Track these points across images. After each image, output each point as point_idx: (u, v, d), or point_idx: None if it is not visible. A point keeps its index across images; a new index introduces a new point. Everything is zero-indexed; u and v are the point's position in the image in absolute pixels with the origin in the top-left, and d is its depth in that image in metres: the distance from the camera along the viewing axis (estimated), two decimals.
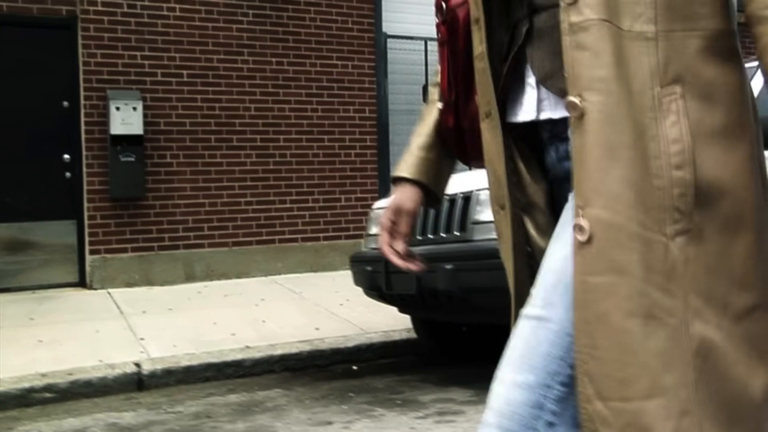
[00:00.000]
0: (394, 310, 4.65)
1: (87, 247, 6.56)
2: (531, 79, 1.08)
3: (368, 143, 7.73)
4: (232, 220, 7.08)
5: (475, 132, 1.21)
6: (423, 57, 8.04)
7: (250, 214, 7.16)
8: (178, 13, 6.82)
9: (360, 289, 4.55)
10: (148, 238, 6.74)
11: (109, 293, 6.38)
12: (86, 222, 6.54)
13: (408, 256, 1.30)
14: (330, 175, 7.52)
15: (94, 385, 4.06)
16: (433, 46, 8.02)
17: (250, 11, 7.13)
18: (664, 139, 0.92)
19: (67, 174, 6.61)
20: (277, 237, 7.27)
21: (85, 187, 6.54)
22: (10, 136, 6.43)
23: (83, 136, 6.53)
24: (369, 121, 7.72)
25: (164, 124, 6.77)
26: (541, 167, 1.13)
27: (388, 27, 7.84)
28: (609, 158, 0.92)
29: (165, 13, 6.77)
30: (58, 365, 4.21)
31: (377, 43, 7.74)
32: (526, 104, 1.09)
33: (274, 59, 7.24)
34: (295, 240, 7.36)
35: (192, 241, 6.92)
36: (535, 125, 1.10)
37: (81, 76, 6.52)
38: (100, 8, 6.53)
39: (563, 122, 1.04)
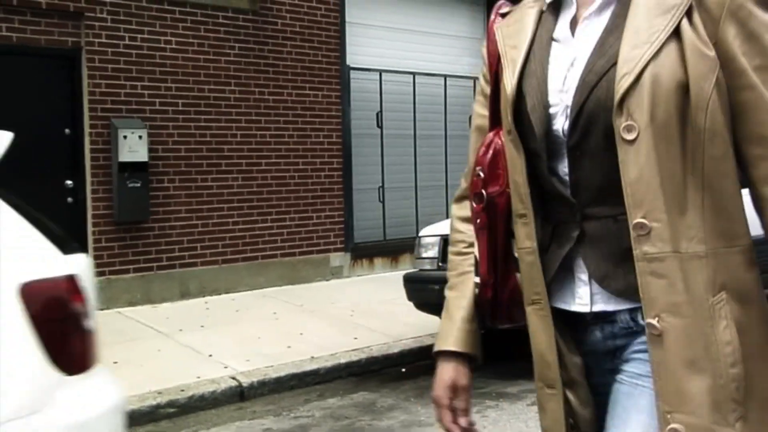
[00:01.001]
0: (405, 318, 5.62)
1: (92, 270, 6.81)
2: (583, 276, 1.22)
3: (335, 165, 8.48)
4: (222, 239, 7.58)
5: (512, 303, 1.33)
6: (378, 86, 8.92)
7: (237, 233, 7.70)
8: (174, 46, 7.23)
9: (356, 300, 5.40)
10: (148, 258, 7.11)
11: (119, 312, 6.71)
12: (91, 245, 6.80)
13: (470, 428, 1.37)
14: (303, 195, 8.20)
15: (206, 399, 4.61)
16: (387, 77, 8.94)
17: (236, 44, 7.66)
18: (720, 343, 1.10)
19: (70, 199, 6.83)
20: (260, 254, 7.85)
21: (90, 212, 6.80)
22: (12, 161, 6.54)
23: (88, 162, 6.79)
24: (336, 145, 8.48)
25: (162, 150, 7.16)
26: (573, 340, 1.26)
27: (350, 59, 8.63)
28: (688, 371, 1.10)
29: (162, 45, 7.16)
30: (162, 384, 4.70)
31: (342, 74, 8.50)
32: (580, 297, 1.23)
33: (256, 89, 7.81)
34: (275, 256, 7.97)
35: (187, 261, 7.35)
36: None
37: (86, 105, 6.77)
38: (104, 40, 6.81)
39: (615, 312, 1.21)
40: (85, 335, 1.97)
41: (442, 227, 5.24)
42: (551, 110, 1.21)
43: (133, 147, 6.81)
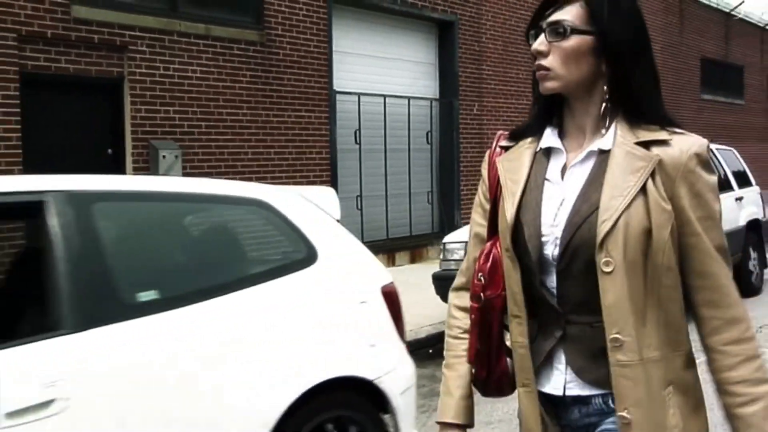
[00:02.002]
0: (412, 309, 6.96)
1: None
2: (560, 366, 1.51)
3: (324, 177, 9.63)
4: None
5: (502, 382, 1.62)
6: (357, 107, 10.14)
7: None
8: (198, 74, 8.16)
9: None
10: None
11: None
12: None
13: None
14: None
15: None
16: (364, 99, 10.18)
17: (248, 72, 8.66)
18: (670, 427, 1.42)
19: None
20: None
21: None
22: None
23: None
24: (325, 159, 9.63)
25: (190, 168, 8.08)
26: (556, 416, 1.54)
27: (336, 84, 9.79)
28: None
29: (189, 74, 8.07)
30: None
31: (330, 98, 9.66)
32: (556, 384, 1.52)
33: (263, 112, 8.84)
34: None
35: None
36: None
37: (128, 128, 7.60)
38: (143, 70, 7.67)
39: (589, 396, 1.49)
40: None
41: (462, 234, 6.58)
42: (543, 239, 1.49)
43: (171, 165, 7.71)
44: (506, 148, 1.62)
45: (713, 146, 9.29)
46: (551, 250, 1.47)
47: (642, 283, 1.41)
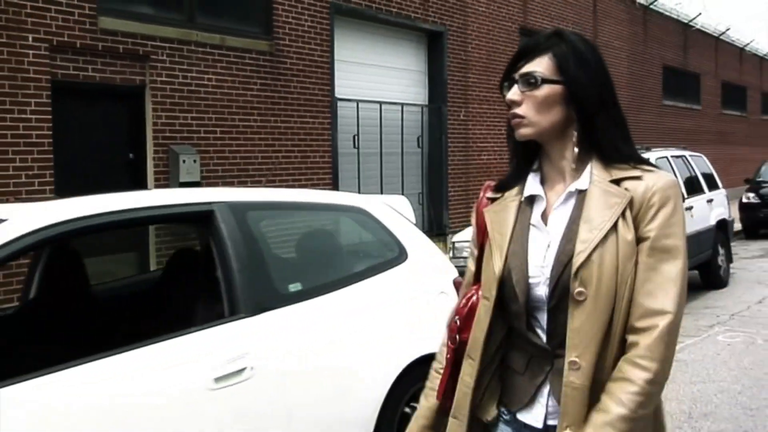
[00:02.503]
0: None
1: None
2: (542, 400, 1.59)
3: (327, 180, 10.09)
4: None
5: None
6: (355, 113, 10.63)
7: None
8: (214, 83, 8.54)
9: None
10: None
11: None
12: (151, 252, 8.00)
13: None
14: None
15: None
16: (362, 105, 10.66)
17: (258, 81, 9.07)
18: None
19: None
20: None
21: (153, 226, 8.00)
22: (86, 180, 7.64)
23: (151, 183, 7.98)
24: (327, 163, 10.08)
25: (206, 171, 8.45)
26: None
27: (337, 91, 10.26)
28: None
29: (205, 82, 8.45)
30: None
31: (332, 104, 10.12)
32: (535, 414, 1.59)
33: (272, 118, 9.26)
34: None
35: None
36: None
37: (149, 134, 7.94)
38: (164, 78, 8.02)
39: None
40: None
41: (469, 234, 7.13)
42: (533, 281, 1.56)
43: (190, 169, 8.09)
44: (492, 200, 1.71)
45: (685, 152, 10.05)
46: (542, 291, 1.55)
47: (609, 312, 1.48)
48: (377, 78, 11.19)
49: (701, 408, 4.83)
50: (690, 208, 8.49)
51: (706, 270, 9.25)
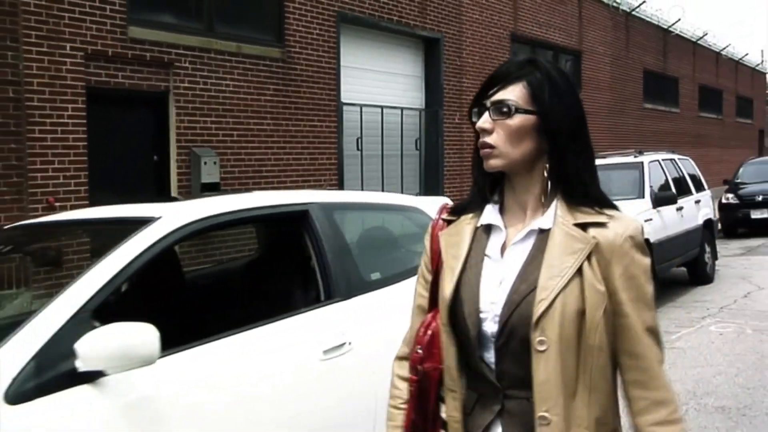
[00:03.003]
0: None
1: None
2: None
3: (333, 181, 10.55)
4: None
5: None
6: (359, 117, 11.10)
7: None
8: (231, 88, 8.96)
9: None
10: None
11: None
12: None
13: None
14: None
15: None
16: (365, 110, 11.14)
17: (271, 86, 9.51)
18: None
19: None
20: None
21: None
22: (115, 181, 8.03)
23: (174, 183, 8.39)
24: (333, 165, 10.55)
25: (223, 172, 8.88)
26: None
27: (343, 96, 10.72)
28: None
29: (223, 88, 8.87)
30: None
31: (338, 109, 10.58)
32: None
33: (284, 122, 9.70)
34: None
35: None
36: None
37: (173, 137, 8.35)
38: (186, 84, 8.43)
39: None
40: None
41: None
42: (482, 315, 1.51)
43: (210, 171, 8.51)
44: (449, 222, 1.65)
45: (674, 156, 10.66)
46: (490, 328, 1.50)
47: (574, 362, 1.44)
48: (378, 83, 11.68)
49: (703, 388, 5.39)
50: (680, 209, 9.07)
51: (694, 266, 9.85)
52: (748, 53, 31.50)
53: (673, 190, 9.22)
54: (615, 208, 1.55)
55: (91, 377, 2.17)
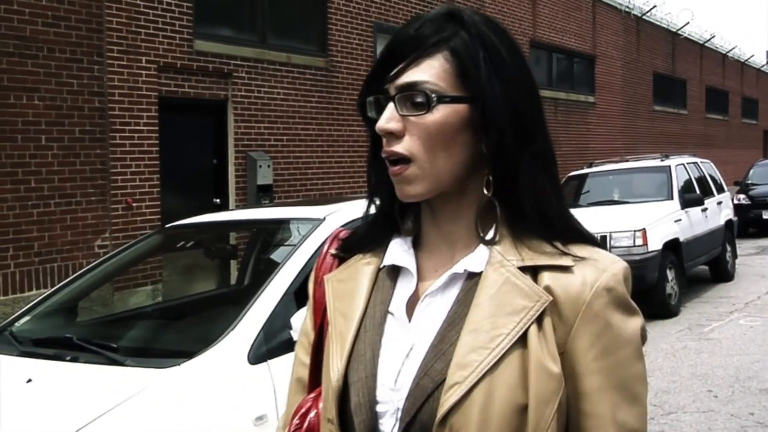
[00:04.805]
0: None
1: None
2: None
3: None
4: None
5: None
6: None
7: None
8: (281, 96, 9.56)
9: None
10: None
11: None
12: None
13: None
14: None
15: None
16: None
17: (316, 94, 10.10)
18: None
19: None
20: None
21: None
22: (179, 182, 8.60)
23: (232, 185, 8.97)
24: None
25: (275, 175, 9.46)
26: None
27: None
28: None
29: (274, 95, 9.46)
30: None
31: None
32: None
33: (327, 127, 10.29)
34: None
35: None
36: None
37: (231, 142, 8.95)
38: (243, 93, 9.02)
39: None
40: None
41: None
42: (379, 408, 0.96)
43: (265, 174, 9.10)
44: (341, 259, 1.11)
45: (695, 159, 11.20)
46: (390, 427, 0.96)
47: None
48: None
49: (745, 373, 5.95)
50: (705, 210, 9.65)
51: (716, 265, 10.43)
52: (754, 54, 32.11)
53: (698, 191, 9.79)
54: (590, 242, 0.99)
55: None
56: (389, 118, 0.96)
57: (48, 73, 6.91)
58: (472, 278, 0.96)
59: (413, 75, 0.95)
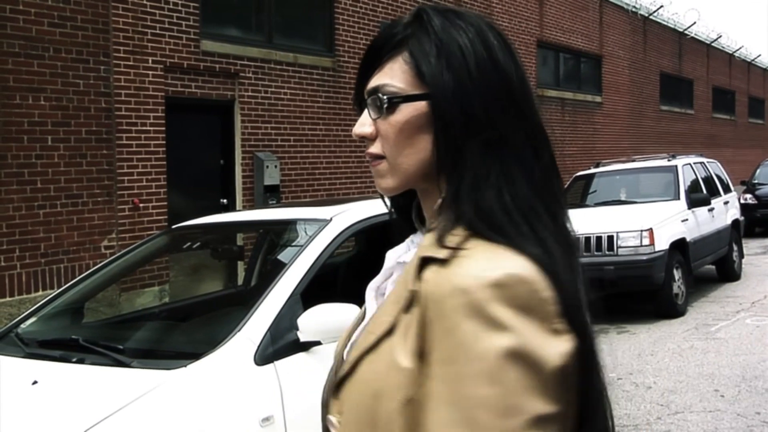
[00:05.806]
0: None
1: None
2: None
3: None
4: None
5: None
6: None
7: None
8: (288, 96, 9.56)
9: None
10: None
11: None
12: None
13: None
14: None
15: None
16: None
17: (323, 94, 10.10)
18: None
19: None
20: None
21: None
22: (186, 183, 8.61)
23: (239, 185, 8.97)
24: None
25: (282, 175, 9.46)
26: None
27: None
28: None
29: (281, 96, 9.46)
30: None
31: None
32: None
33: (334, 127, 10.29)
34: None
35: None
36: None
37: (238, 142, 8.95)
38: (250, 93, 9.03)
39: None
40: None
41: None
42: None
43: (272, 174, 9.10)
44: None
45: (702, 159, 11.16)
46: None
47: None
48: None
49: (751, 372, 5.94)
50: (711, 209, 9.62)
51: (723, 264, 10.38)
52: (761, 54, 32.01)
53: (704, 191, 9.76)
54: (511, 241, 0.88)
55: (309, 346, 2.74)
56: (362, 123, 1.02)
57: (54, 74, 6.92)
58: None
59: (377, 79, 1.01)
